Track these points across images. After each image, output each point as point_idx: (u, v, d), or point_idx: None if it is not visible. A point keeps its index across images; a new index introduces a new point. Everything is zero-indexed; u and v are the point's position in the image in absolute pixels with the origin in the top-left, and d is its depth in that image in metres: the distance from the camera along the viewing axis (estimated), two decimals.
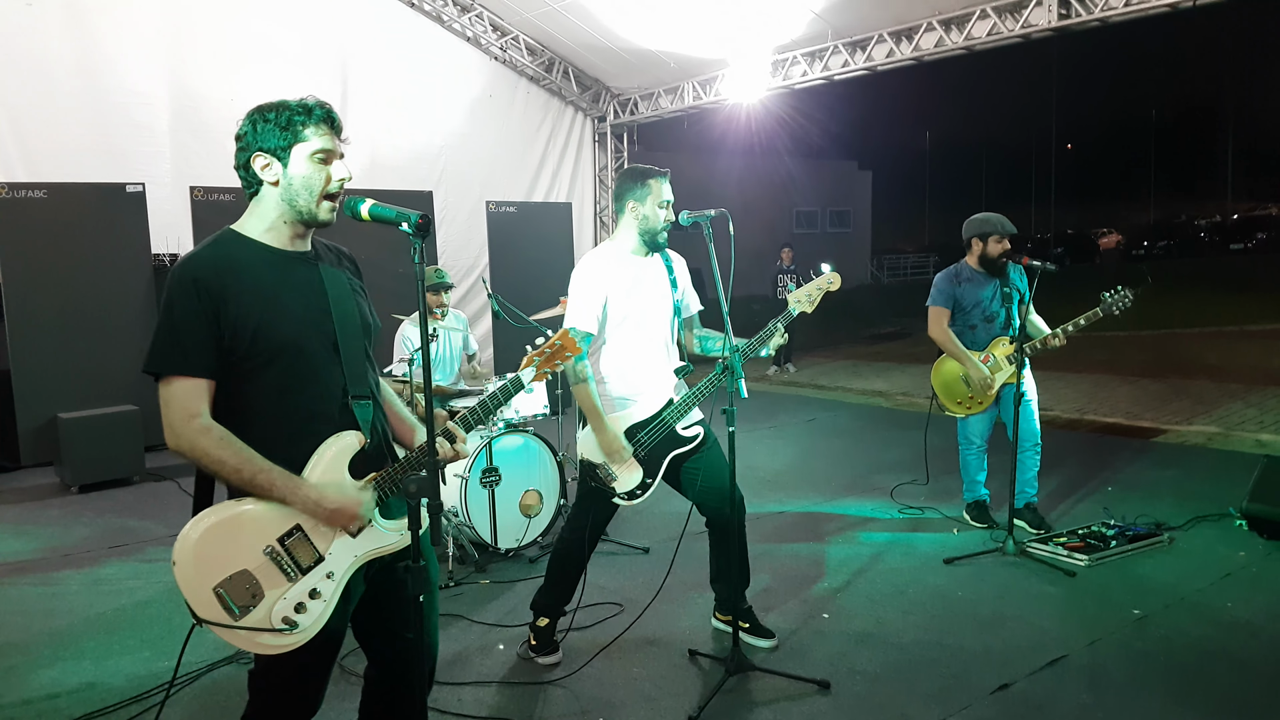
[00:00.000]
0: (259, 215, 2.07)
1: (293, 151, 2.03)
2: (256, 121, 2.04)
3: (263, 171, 2.04)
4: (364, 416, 2.12)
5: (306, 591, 2.00)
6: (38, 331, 6.93)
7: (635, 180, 3.48)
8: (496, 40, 10.42)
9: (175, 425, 1.93)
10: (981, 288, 4.98)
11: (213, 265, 1.97)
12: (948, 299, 5.00)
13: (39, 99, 7.80)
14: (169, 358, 1.94)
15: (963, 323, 5.01)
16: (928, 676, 3.38)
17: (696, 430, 3.50)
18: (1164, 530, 4.88)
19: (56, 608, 4.29)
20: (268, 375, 2.00)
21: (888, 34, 8.54)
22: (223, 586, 1.93)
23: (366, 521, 2.07)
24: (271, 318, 1.99)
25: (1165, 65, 71.02)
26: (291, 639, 1.98)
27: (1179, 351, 12.72)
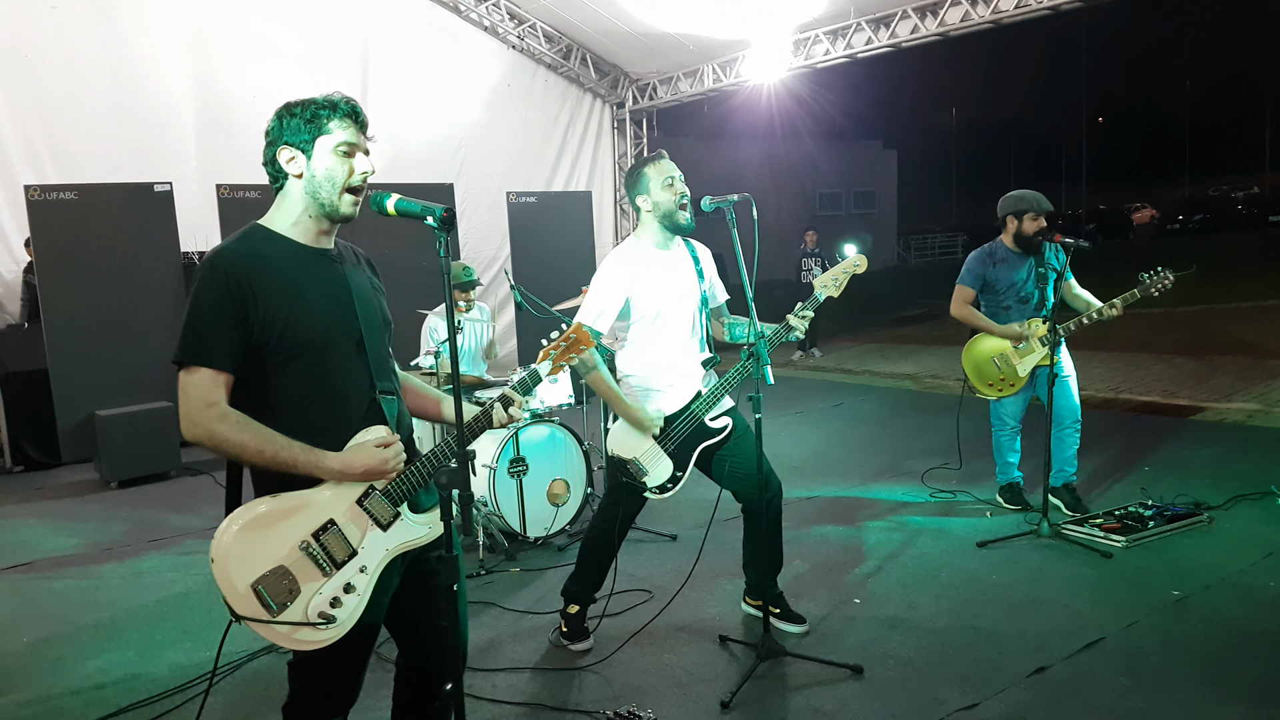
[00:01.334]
0: (285, 210, 2.09)
1: (316, 144, 2.05)
2: (284, 117, 2.07)
3: (288, 164, 2.06)
4: (390, 411, 2.15)
5: (341, 586, 2.02)
6: (74, 331, 7.05)
7: (634, 176, 3.51)
8: (514, 28, 10.40)
9: (194, 414, 1.95)
10: (1016, 268, 4.87)
11: (242, 259, 1.99)
12: (975, 279, 4.92)
13: (67, 100, 7.92)
14: (194, 348, 1.96)
15: (995, 304, 4.94)
16: (961, 660, 3.36)
17: (725, 421, 3.49)
18: (1203, 510, 4.80)
19: (99, 600, 4.38)
20: (295, 369, 2.02)
21: (912, 9, 8.40)
22: (260, 583, 1.94)
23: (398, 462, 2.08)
24: (299, 312, 2.01)
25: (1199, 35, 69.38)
26: (328, 634, 1.99)
27: (1216, 327, 12.46)
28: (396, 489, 2.11)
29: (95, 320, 7.08)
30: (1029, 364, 4.81)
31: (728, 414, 3.51)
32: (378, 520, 2.09)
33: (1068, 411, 4.83)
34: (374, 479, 2.06)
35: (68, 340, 7.04)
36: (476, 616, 3.95)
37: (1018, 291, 4.87)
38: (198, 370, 1.96)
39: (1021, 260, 4.88)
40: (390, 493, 2.11)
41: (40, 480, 7.05)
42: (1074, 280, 4.86)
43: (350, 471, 2.01)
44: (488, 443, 4.79)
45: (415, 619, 2.25)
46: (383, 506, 2.09)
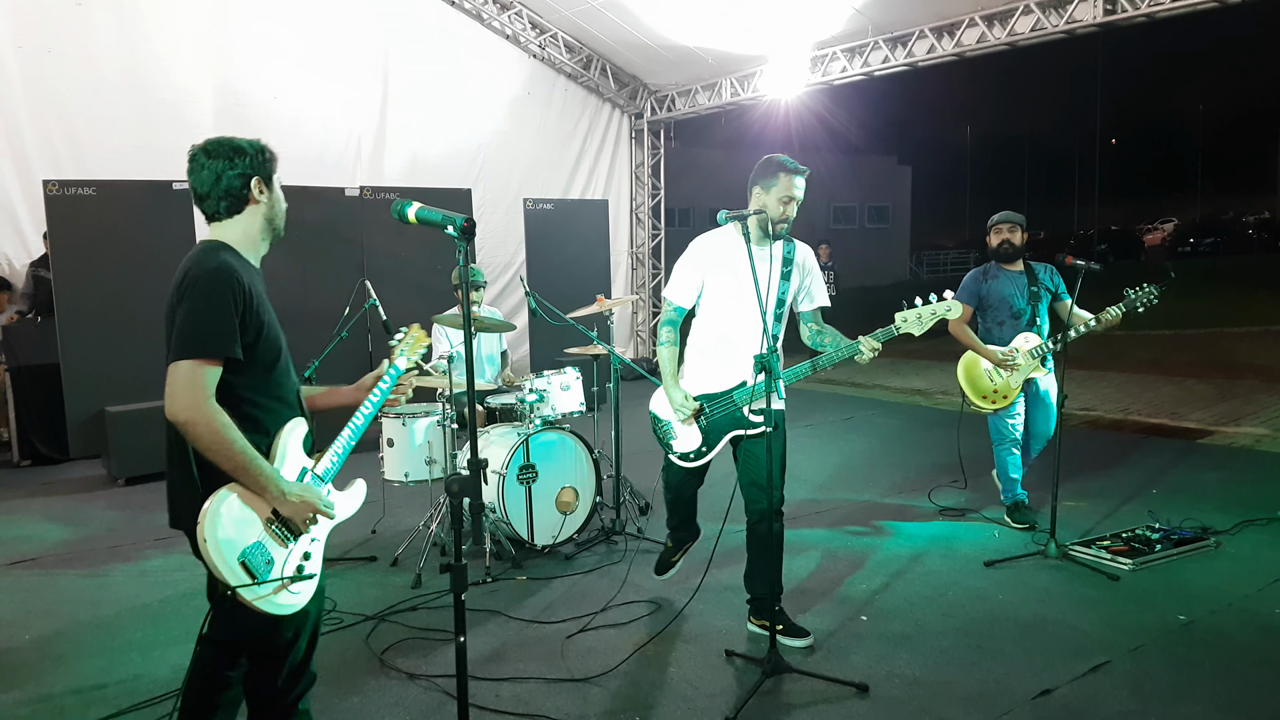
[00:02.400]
0: (241, 229, 2.36)
1: (274, 181, 2.41)
2: (254, 154, 2.37)
3: (259, 194, 2.35)
4: (301, 403, 2.47)
5: (301, 553, 2.32)
6: (87, 326, 7.09)
7: (768, 170, 3.58)
8: (535, 38, 10.46)
9: (199, 403, 2.13)
10: (1009, 285, 5.05)
11: (241, 269, 2.26)
12: (971, 296, 5.11)
13: (87, 97, 7.99)
14: (215, 341, 2.16)
15: (990, 320, 5.10)
16: (967, 680, 3.35)
17: (759, 418, 3.50)
18: (1211, 534, 4.78)
19: (103, 598, 4.39)
20: (270, 370, 2.30)
21: (929, 29, 8.43)
22: (244, 556, 2.17)
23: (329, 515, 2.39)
24: (270, 321, 2.30)
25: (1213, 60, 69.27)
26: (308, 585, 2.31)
27: (1226, 351, 12.41)
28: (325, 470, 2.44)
29: (108, 316, 7.12)
30: (1021, 376, 4.97)
31: (775, 416, 3.46)
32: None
33: (1044, 434, 5.12)
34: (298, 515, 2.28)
35: (80, 335, 7.07)
36: (482, 625, 3.95)
37: (1010, 308, 5.02)
38: (205, 361, 2.15)
39: (1014, 278, 5.07)
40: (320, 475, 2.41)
41: (48, 475, 7.08)
42: (1070, 300, 4.88)
43: (290, 498, 2.25)
44: (498, 449, 4.80)
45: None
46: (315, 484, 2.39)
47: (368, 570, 4.69)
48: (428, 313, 5.84)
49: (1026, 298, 5.00)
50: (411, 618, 4.03)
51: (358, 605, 4.16)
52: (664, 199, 12.00)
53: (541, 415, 4.97)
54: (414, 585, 4.39)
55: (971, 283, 5.15)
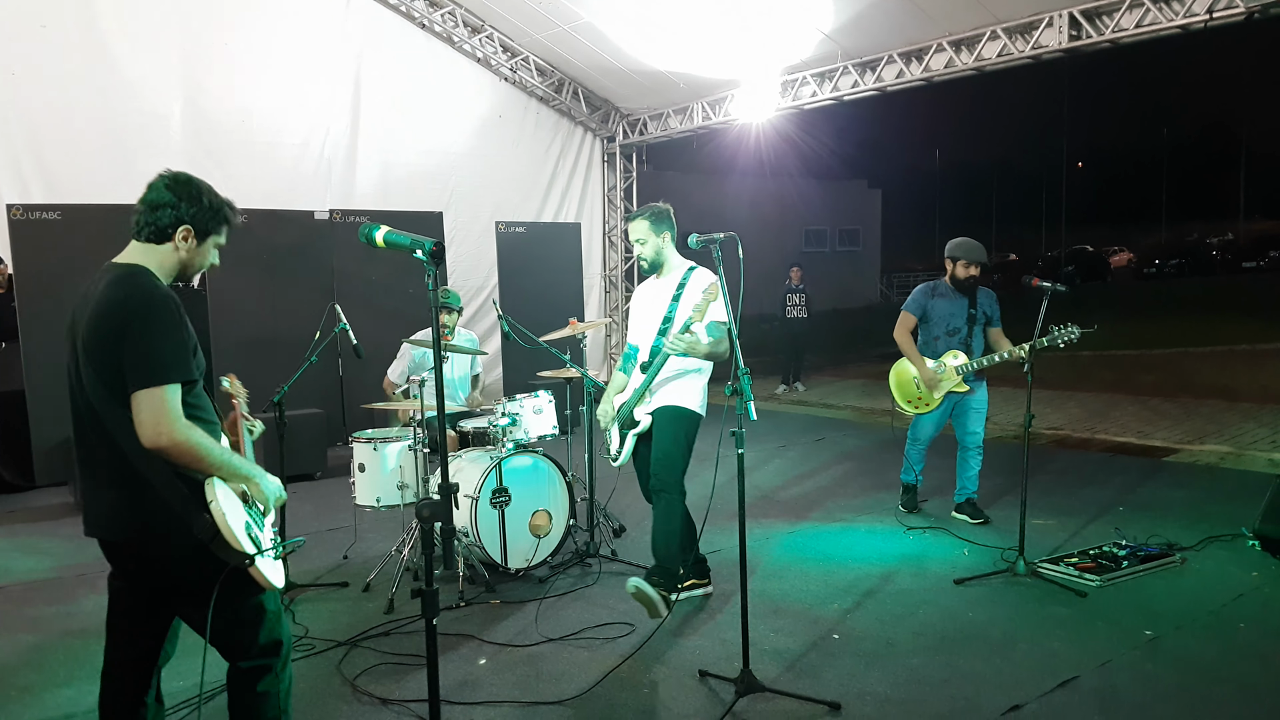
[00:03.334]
0: (158, 263, 2.40)
1: (209, 239, 2.46)
2: (198, 200, 2.41)
3: (180, 241, 2.39)
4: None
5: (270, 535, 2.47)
6: (52, 352, 6.93)
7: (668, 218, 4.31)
8: (507, 61, 10.53)
9: (175, 423, 2.20)
10: (951, 304, 5.50)
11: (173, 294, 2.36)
12: (918, 308, 5.58)
13: (55, 120, 7.92)
14: (177, 366, 2.24)
15: (929, 333, 5.56)
16: (938, 698, 3.38)
17: (647, 418, 4.23)
18: (1176, 551, 4.86)
19: (71, 627, 4.32)
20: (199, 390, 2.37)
21: (898, 55, 8.60)
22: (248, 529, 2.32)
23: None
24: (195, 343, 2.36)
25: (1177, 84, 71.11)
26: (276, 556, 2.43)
27: (1191, 371, 12.65)
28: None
29: None
30: (944, 388, 5.44)
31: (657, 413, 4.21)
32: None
33: (971, 438, 5.55)
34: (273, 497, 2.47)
35: (45, 361, 6.98)
36: (455, 649, 3.93)
37: (948, 325, 5.48)
38: (175, 386, 2.22)
39: (957, 298, 5.51)
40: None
41: (14, 503, 6.94)
42: (999, 330, 5.54)
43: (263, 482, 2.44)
44: (471, 472, 4.79)
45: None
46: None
47: (339, 596, 4.65)
48: (398, 335, 5.85)
49: (964, 319, 5.45)
50: (384, 643, 3.99)
51: (329, 631, 4.12)
52: None
53: (514, 439, 4.97)
54: (386, 610, 4.35)
55: (921, 295, 5.60)
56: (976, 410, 5.51)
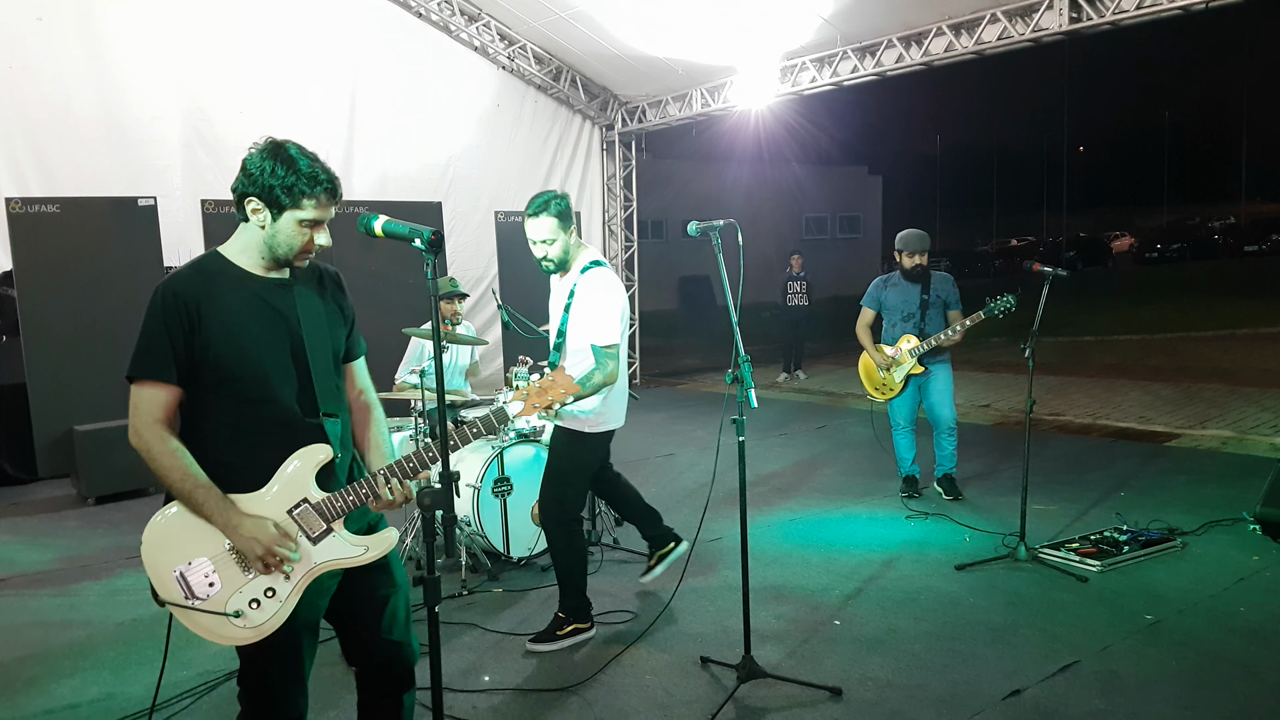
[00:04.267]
0: (242, 244, 2.20)
1: (286, 213, 2.13)
2: (266, 167, 2.10)
3: (253, 215, 2.15)
4: (334, 431, 2.22)
5: (262, 589, 2.12)
6: (53, 345, 7.00)
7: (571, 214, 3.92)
8: (504, 49, 10.48)
9: (139, 427, 2.09)
10: (904, 293, 5.79)
11: (191, 284, 2.12)
12: (873, 301, 5.93)
13: (53, 114, 7.89)
14: (145, 363, 2.09)
15: (888, 321, 5.87)
16: (939, 682, 3.39)
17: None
18: (1177, 535, 4.87)
19: (75, 619, 4.34)
20: (231, 391, 2.13)
21: (897, 39, 8.55)
22: (183, 571, 2.08)
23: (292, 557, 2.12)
24: (238, 340, 2.11)
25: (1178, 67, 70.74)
26: (244, 633, 2.10)
27: (1192, 355, 12.64)
28: (330, 506, 2.17)
29: (75, 334, 7.03)
30: (901, 373, 5.75)
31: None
32: (306, 532, 2.15)
33: (941, 420, 5.76)
34: (248, 552, 2.08)
35: (47, 354, 6.98)
36: (458, 638, 3.94)
37: (903, 311, 5.77)
38: (148, 384, 2.10)
39: (910, 286, 5.78)
40: (322, 508, 2.16)
41: (16, 496, 6.97)
42: (958, 312, 5.76)
43: (236, 532, 2.07)
44: (473, 462, 4.79)
45: (364, 638, 2.32)
46: (312, 519, 2.16)
47: None
48: (398, 326, 5.84)
49: (917, 304, 5.72)
50: None
51: None
52: (636, 210, 12.05)
53: (516, 428, 4.97)
54: None
55: (874, 289, 5.97)
56: (940, 391, 5.74)
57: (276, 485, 2.14)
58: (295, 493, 2.15)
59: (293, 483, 2.15)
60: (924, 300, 5.71)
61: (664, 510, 4.40)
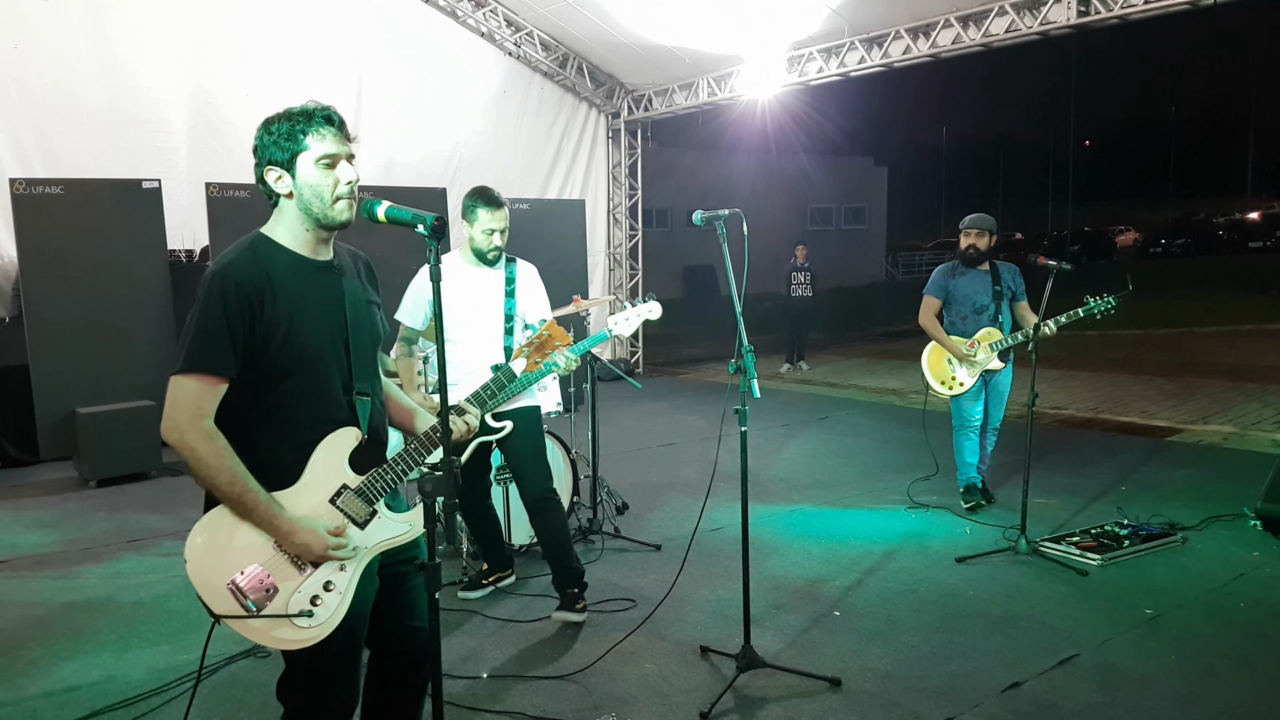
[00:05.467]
0: (284, 224, 2.12)
1: (298, 161, 2.07)
2: (263, 135, 2.08)
3: (276, 184, 2.09)
4: (363, 412, 2.19)
5: (321, 584, 2.06)
6: (56, 327, 6.99)
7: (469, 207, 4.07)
8: (511, 35, 10.44)
9: (181, 420, 1.97)
10: (973, 283, 5.39)
11: (252, 272, 2.03)
12: (939, 290, 5.46)
13: (57, 95, 7.86)
14: (201, 355, 1.98)
15: (955, 313, 5.44)
16: (938, 674, 3.39)
17: (506, 423, 3.77)
18: (1178, 530, 4.87)
19: (75, 601, 4.35)
20: (289, 381, 2.07)
21: (905, 30, 8.50)
22: (236, 582, 1.98)
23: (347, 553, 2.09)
24: (298, 328, 2.05)
25: (1186, 62, 70.34)
26: (310, 633, 2.02)
27: (1196, 350, 12.62)
28: (370, 487, 2.15)
29: (78, 316, 7.02)
30: (979, 368, 5.33)
31: (512, 416, 3.82)
32: (353, 518, 2.12)
33: (993, 419, 5.50)
34: (304, 557, 2.05)
35: (49, 336, 6.97)
36: (459, 624, 3.95)
37: (974, 303, 5.37)
38: (197, 377, 1.98)
39: (979, 276, 5.40)
40: (364, 491, 2.14)
41: (18, 478, 6.98)
42: (1025, 303, 5.40)
43: (289, 539, 2.02)
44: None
45: (385, 622, 2.27)
46: (357, 505, 2.13)
47: None
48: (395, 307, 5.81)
49: (990, 295, 5.34)
50: None
51: None
52: (641, 199, 12.02)
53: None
54: None
55: (940, 277, 5.50)
56: (1001, 393, 5.44)
57: (311, 474, 2.08)
58: (333, 480, 2.11)
59: (328, 470, 2.10)
60: (996, 291, 5.33)
61: (666, 500, 4.44)
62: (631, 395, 9.48)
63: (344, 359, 2.15)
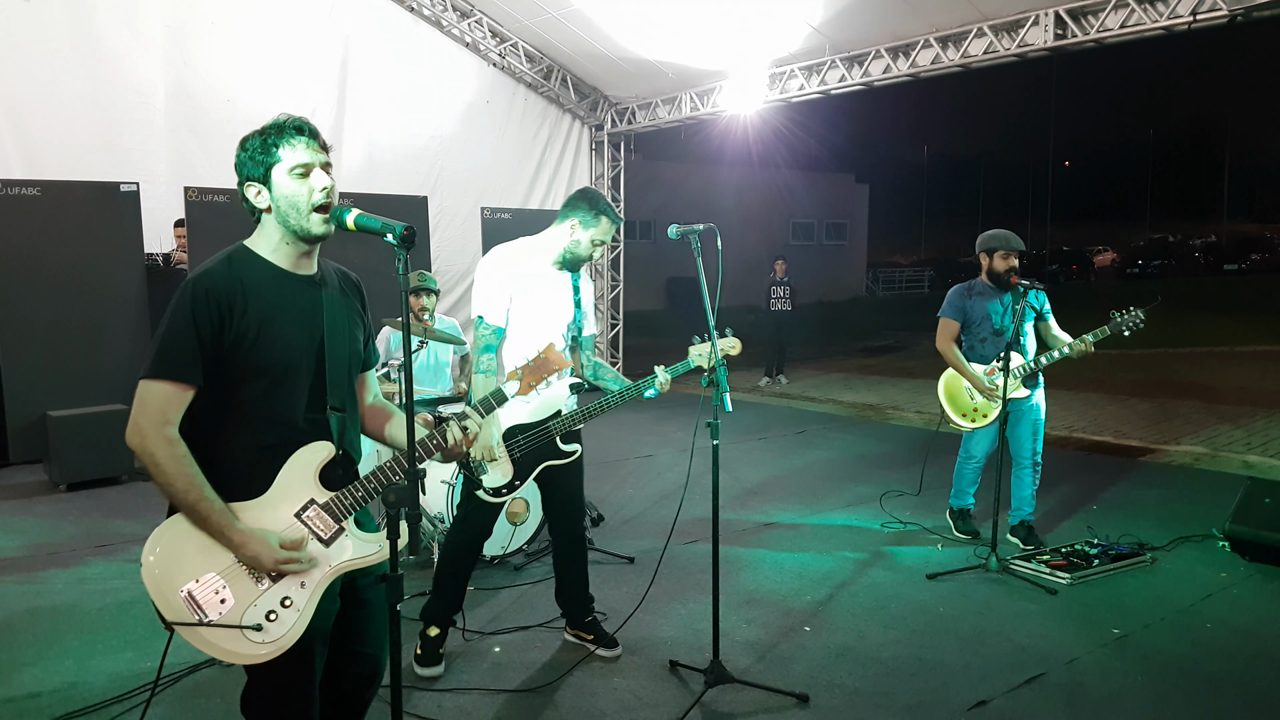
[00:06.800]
0: (265, 237, 2.14)
1: (273, 173, 2.08)
2: (240, 152, 2.12)
3: (256, 199, 2.11)
4: (336, 428, 2.18)
5: (279, 599, 2.03)
6: (29, 329, 6.92)
7: (594, 207, 3.59)
8: (495, 46, 10.46)
9: (145, 426, 1.98)
10: (991, 302, 5.02)
11: (223, 281, 2.04)
12: (957, 312, 5.06)
13: (38, 95, 7.80)
14: (166, 363, 1.99)
15: (973, 336, 5.06)
16: (906, 691, 3.40)
17: (575, 446, 3.61)
18: (1147, 550, 4.92)
19: (40, 606, 4.28)
20: (252, 386, 2.07)
21: (885, 50, 8.59)
22: (191, 590, 1.97)
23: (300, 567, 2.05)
24: (268, 337, 2.06)
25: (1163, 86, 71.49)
26: (262, 648, 2.00)
27: (1171, 371, 12.78)
28: (339, 504, 2.13)
29: (51, 319, 6.95)
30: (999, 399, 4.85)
31: (578, 442, 3.63)
32: (317, 534, 2.10)
33: (1030, 453, 5.05)
34: (255, 569, 2.02)
35: (22, 338, 6.90)
36: None
37: (993, 325, 4.99)
38: (163, 383, 1.99)
39: (997, 295, 5.02)
40: (331, 507, 2.12)
41: None
42: (1053, 321, 5.04)
43: (240, 550, 2.00)
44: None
45: (341, 643, 2.24)
46: (323, 521, 2.11)
47: None
48: (379, 316, 5.81)
49: (1010, 316, 4.90)
50: None
51: None
52: (625, 211, 12.05)
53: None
54: None
55: (957, 298, 5.10)
56: (1034, 419, 5.00)
57: (279, 488, 2.07)
58: (301, 494, 2.09)
59: (296, 484, 2.09)
60: (1016, 311, 4.84)
61: (641, 512, 4.41)
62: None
63: (316, 370, 2.14)
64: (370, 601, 2.26)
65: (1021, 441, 5.02)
